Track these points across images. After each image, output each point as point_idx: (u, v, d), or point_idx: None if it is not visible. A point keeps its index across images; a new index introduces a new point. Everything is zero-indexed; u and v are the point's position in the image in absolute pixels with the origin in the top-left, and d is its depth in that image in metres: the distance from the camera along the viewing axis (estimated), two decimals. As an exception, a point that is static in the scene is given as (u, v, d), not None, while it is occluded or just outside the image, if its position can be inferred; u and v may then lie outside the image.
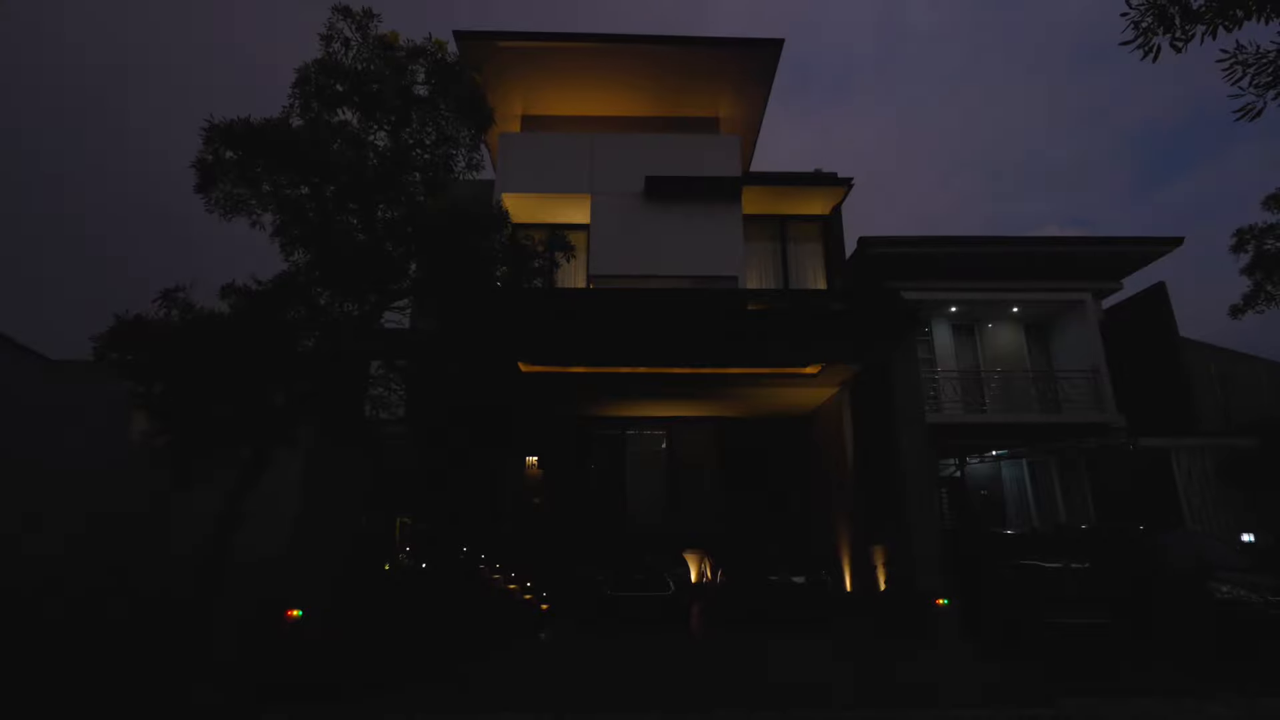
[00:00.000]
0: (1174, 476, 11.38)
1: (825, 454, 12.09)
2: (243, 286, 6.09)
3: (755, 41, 12.01)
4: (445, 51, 6.94)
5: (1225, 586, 7.36)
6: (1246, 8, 3.83)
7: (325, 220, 6.51)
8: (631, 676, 6.22)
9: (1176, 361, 12.71)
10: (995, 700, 5.59)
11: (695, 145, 12.41)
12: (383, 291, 6.75)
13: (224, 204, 6.57)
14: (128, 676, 5.95)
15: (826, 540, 11.78)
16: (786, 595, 8.67)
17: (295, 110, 6.80)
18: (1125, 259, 12.63)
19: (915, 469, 8.12)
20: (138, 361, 5.06)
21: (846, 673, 6.33)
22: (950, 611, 7.31)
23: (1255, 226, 9.37)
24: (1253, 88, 3.90)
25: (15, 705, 5.27)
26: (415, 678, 6.10)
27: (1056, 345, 13.19)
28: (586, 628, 8.56)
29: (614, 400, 12.04)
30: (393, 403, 7.44)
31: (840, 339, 8.66)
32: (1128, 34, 4.06)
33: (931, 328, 13.17)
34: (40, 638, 7.25)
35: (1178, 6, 3.97)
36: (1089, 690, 5.83)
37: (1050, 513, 12.46)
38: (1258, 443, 11.80)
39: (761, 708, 5.40)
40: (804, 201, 12.32)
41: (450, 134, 7.34)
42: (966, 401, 12.55)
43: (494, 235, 7.02)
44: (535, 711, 5.31)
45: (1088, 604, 7.56)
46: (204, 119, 6.10)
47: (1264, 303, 9.30)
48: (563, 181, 11.90)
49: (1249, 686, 5.92)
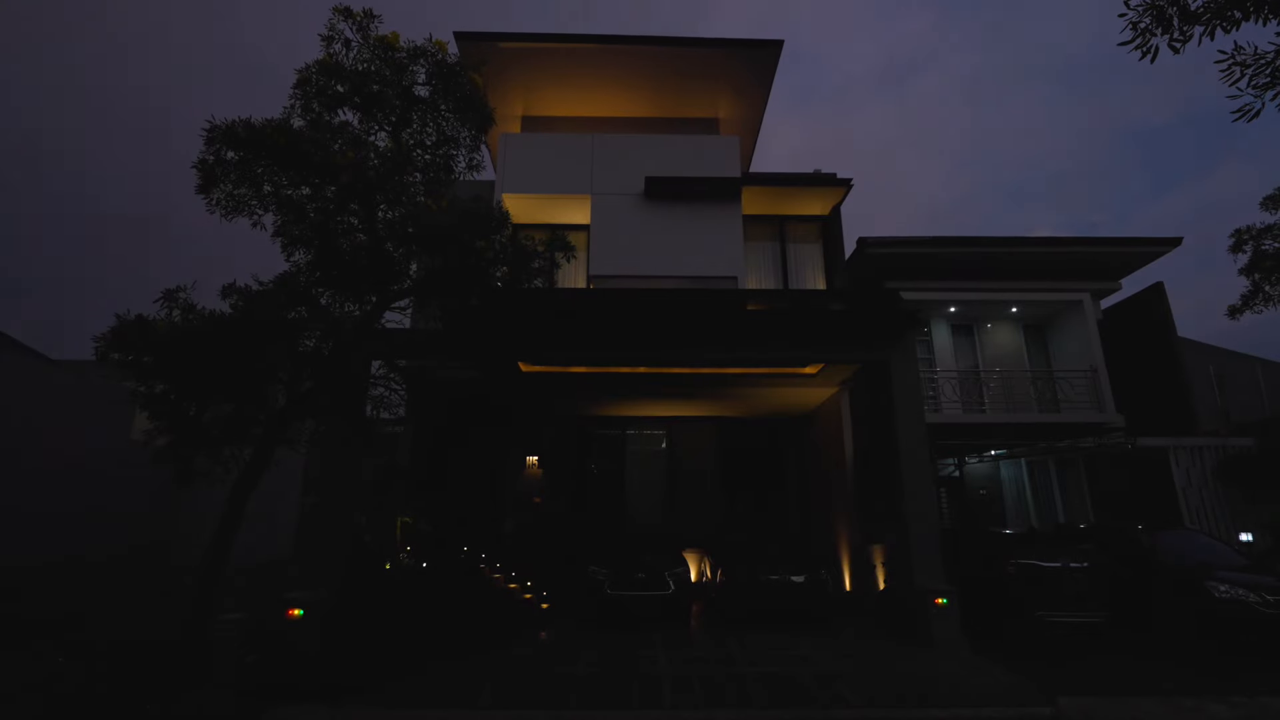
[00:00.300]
0: (1172, 476, 11.38)
1: (824, 454, 12.09)
2: (243, 287, 6.10)
3: (754, 43, 12.01)
4: (446, 52, 6.94)
5: (1224, 586, 7.35)
6: (1244, 9, 3.82)
7: (326, 220, 6.51)
8: (630, 673, 6.21)
9: (1175, 362, 12.70)
10: (994, 699, 5.58)
11: (695, 146, 12.41)
12: (383, 292, 6.75)
13: (225, 205, 6.57)
14: (130, 682, 5.95)
15: (826, 540, 11.78)
16: (786, 594, 8.67)
17: (296, 111, 6.81)
18: (1123, 259, 12.64)
19: (914, 468, 8.11)
20: (139, 361, 5.05)
21: (845, 671, 6.32)
22: (949, 610, 7.30)
23: (1253, 227, 9.38)
24: (1251, 88, 3.89)
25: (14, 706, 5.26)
26: (414, 676, 6.10)
27: (1055, 345, 13.19)
28: (587, 626, 8.56)
29: (614, 400, 12.04)
30: (393, 402, 7.44)
31: (839, 339, 8.66)
32: (1126, 34, 4.06)
33: (930, 328, 13.16)
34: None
35: (1176, 7, 3.96)
36: (1088, 689, 5.83)
37: (1049, 512, 12.46)
38: (1255, 443, 11.82)
39: (759, 706, 5.40)
40: (803, 202, 12.32)
41: (451, 134, 7.34)
42: (965, 401, 12.54)
43: (494, 236, 7.03)
44: (530, 709, 5.31)
45: (1086, 603, 7.56)
46: (205, 120, 6.10)
47: (1262, 303, 9.30)
48: (563, 182, 11.90)
49: (1248, 685, 5.92)
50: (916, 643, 7.49)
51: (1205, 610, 7.31)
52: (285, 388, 6.20)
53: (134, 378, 5.23)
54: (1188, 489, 11.35)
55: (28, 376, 12.84)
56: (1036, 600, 7.58)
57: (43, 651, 6.81)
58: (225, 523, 6.17)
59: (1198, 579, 7.57)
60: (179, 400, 5.47)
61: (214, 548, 6.10)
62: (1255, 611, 7.03)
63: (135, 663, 6.29)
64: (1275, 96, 3.92)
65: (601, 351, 8.48)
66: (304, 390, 6.36)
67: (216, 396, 5.58)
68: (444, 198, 6.65)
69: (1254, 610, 7.04)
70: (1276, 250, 9.08)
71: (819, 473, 12.41)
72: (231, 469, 5.94)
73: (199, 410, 5.61)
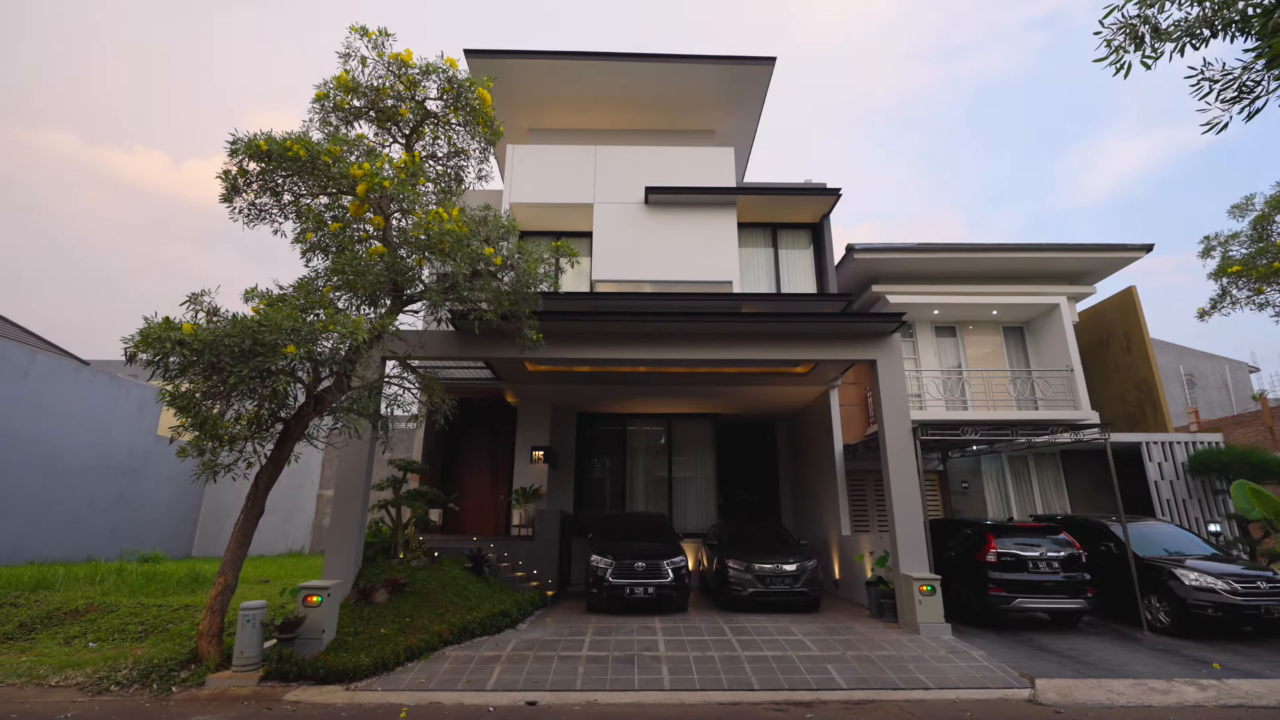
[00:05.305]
0: (1145, 470, 11.38)
1: (815, 448, 12.10)
2: (265, 291, 6.10)
3: (749, 59, 12.01)
4: (456, 69, 6.94)
5: (1193, 574, 7.37)
6: (1213, 27, 3.83)
7: (343, 228, 6.52)
8: (631, 658, 6.21)
9: (1147, 361, 12.71)
10: (976, 681, 5.59)
11: (693, 156, 12.42)
12: (398, 296, 6.76)
13: (248, 213, 6.59)
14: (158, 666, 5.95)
15: (817, 530, 11.79)
16: (779, 582, 8.68)
17: (315, 124, 6.83)
18: (1097, 264, 12.64)
19: (899, 463, 8.12)
20: (166, 361, 5.05)
21: (834, 655, 6.32)
22: (933, 597, 7.30)
23: (1220, 234, 9.38)
24: (1219, 103, 3.89)
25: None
26: (427, 659, 6.11)
27: (1034, 346, 13.20)
28: (589, 614, 8.56)
29: (616, 397, 12.05)
30: (407, 401, 7.45)
31: (828, 340, 8.67)
32: (1100, 51, 4.06)
33: (915, 329, 13.17)
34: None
35: (1148, 25, 3.97)
36: (1064, 673, 5.83)
37: (1028, 504, 12.45)
38: (1223, 437, 11.82)
39: (754, 688, 5.40)
40: (795, 210, 12.33)
41: (461, 147, 7.35)
42: (948, 399, 12.55)
43: (502, 243, 7.03)
44: (536, 691, 5.31)
45: (1063, 590, 7.57)
46: (228, 133, 6.11)
47: (1229, 305, 9.29)
48: (567, 191, 11.91)
49: (1217, 669, 5.92)
50: (902, 628, 7.50)
51: (1176, 597, 7.32)
52: (304, 387, 6.21)
53: (161, 377, 5.23)
54: (1160, 482, 11.35)
55: (64, 377, 12.85)
56: (1016, 587, 7.59)
57: (73, 636, 6.82)
58: (246, 513, 6.18)
59: (1169, 568, 7.59)
60: (203, 398, 5.47)
61: (236, 536, 6.11)
62: (1223, 598, 7.05)
63: (164, 647, 6.30)
64: (1242, 110, 3.92)
65: (603, 352, 8.48)
66: (322, 389, 6.37)
67: (239, 394, 5.59)
68: (455, 206, 6.65)
69: (1222, 597, 7.07)
70: (1242, 256, 9.08)
71: (810, 466, 12.42)
72: (253, 464, 5.95)
73: (223, 408, 5.62)
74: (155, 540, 14.50)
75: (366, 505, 7.81)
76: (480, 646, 6.64)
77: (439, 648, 6.47)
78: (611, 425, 13.30)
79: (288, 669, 5.56)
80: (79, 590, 8.51)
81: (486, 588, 8.22)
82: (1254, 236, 9.06)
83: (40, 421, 12.23)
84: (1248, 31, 3.76)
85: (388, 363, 8.10)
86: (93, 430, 13.45)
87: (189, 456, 5.44)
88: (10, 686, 5.45)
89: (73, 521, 12.75)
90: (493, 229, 6.91)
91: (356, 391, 6.48)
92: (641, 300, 10.55)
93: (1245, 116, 3.93)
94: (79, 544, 12.75)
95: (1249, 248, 9.09)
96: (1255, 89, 3.81)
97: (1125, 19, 3.99)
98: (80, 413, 13.17)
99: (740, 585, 8.73)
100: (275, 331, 5.13)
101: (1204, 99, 3.90)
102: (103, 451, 13.67)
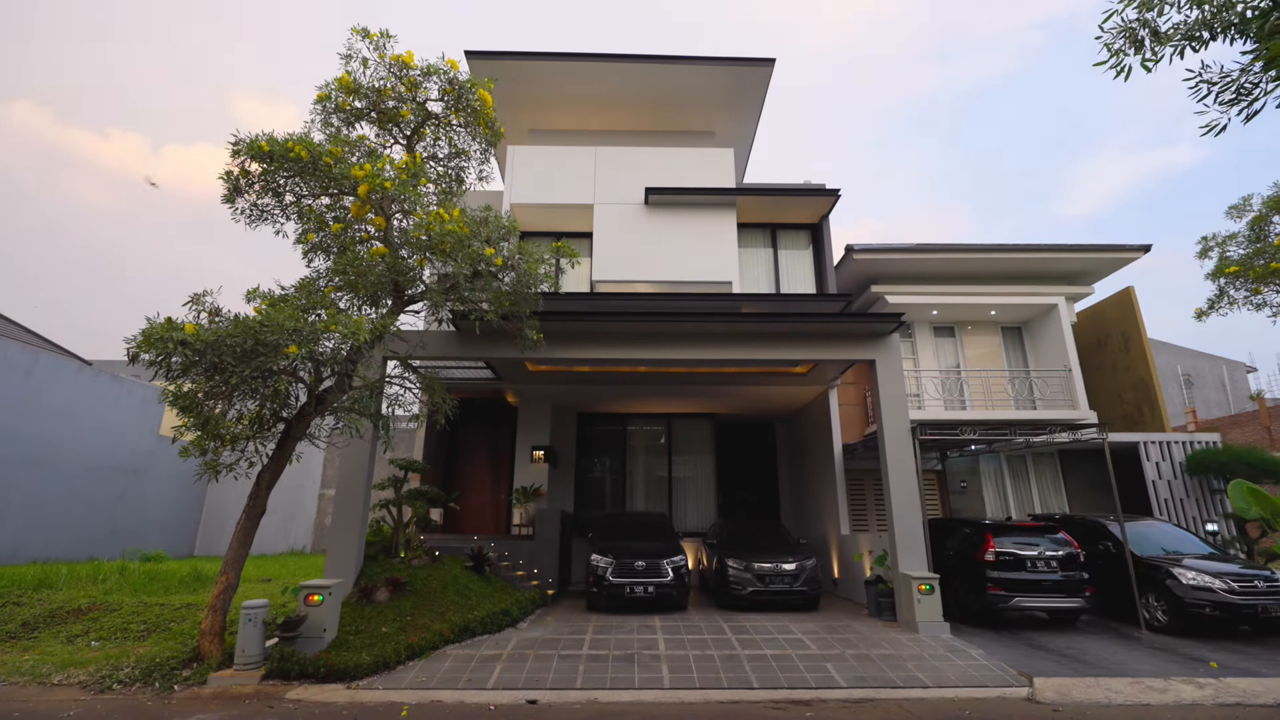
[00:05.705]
0: (1143, 470, 11.38)
1: (814, 448, 12.10)
2: (267, 291, 6.10)
3: (748, 60, 12.00)
4: (457, 70, 6.94)
5: (1191, 573, 7.37)
6: (1213, 30, 3.83)
7: (345, 229, 6.52)
8: (631, 657, 6.21)
9: (1145, 361, 12.71)
10: (974, 680, 5.59)
11: (692, 157, 12.40)
12: (399, 296, 6.76)
13: (250, 214, 6.58)
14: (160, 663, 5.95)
15: (816, 529, 11.80)
16: (778, 581, 8.68)
17: (316, 125, 6.82)
18: (1095, 264, 12.65)
19: (899, 462, 8.12)
20: (168, 362, 5.05)
21: (834, 654, 6.32)
22: (932, 596, 7.31)
23: (1218, 235, 9.37)
24: (1217, 105, 3.89)
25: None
26: (428, 658, 6.10)
27: (1032, 346, 13.20)
28: (589, 613, 8.56)
29: (616, 397, 12.04)
30: (408, 401, 7.44)
31: (827, 340, 8.67)
32: (1101, 55, 4.06)
33: (914, 329, 13.17)
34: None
35: (1148, 29, 3.97)
36: (1062, 671, 5.83)
37: (1026, 504, 12.45)
38: (1221, 437, 11.82)
39: (753, 687, 5.40)
40: (794, 211, 12.32)
41: (462, 148, 7.35)
42: (947, 399, 12.55)
43: (503, 244, 7.03)
44: (536, 690, 5.31)
45: (1062, 588, 7.57)
46: (230, 134, 6.11)
47: (1226, 305, 9.28)
48: (568, 192, 11.89)
49: (1214, 667, 5.93)
50: (901, 627, 7.51)
51: (1174, 596, 7.32)
52: (306, 387, 6.21)
53: (164, 377, 5.23)
54: (1158, 482, 11.35)
55: (67, 377, 12.84)
56: (1014, 586, 7.60)
57: (75, 635, 6.82)
58: (248, 513, 6.18)
59: (1167, 567, 7.59)
60: (206, 398, 5.47)
61: (238, 536, 6.11)
62: (1221, 597, 7.06)
63: (166, 645, 6.30)
64: (1240, 112, 3.92)
65: (604, 352, 8.48)
66: (323, 389, 6.37)
67: (241, 394, 5.59)
68: (455, 207, 6.65)
69: (1219, 596, 7.07)
70: (1239, 256, 9.07)
71: (809, 466, 12.42)
72: (255, 463, 5.95)
73: (225, 408, 5.62)
74: (157, 539, 14.50)
75: (368, 504, 7.81)
76: (481, 645, 6.63)
77: (440, 646, 6.47)
78: (611, 425, 13.30)
79: (289, 667, 5.56)
80: (81, 589, 8.50)
81: (487, 587, 8.22)
82: (1251, 237, 9.06)
83: (43, 421, 12.22)
84: (1246, 34, 3.76)
85: (389, 363, 8.10)
86: (95, 430, 13.44)
87: (191, 456, 5.44)
88: (13, 685, 5.45)
89: (75, 521, 12.74)
90: (493, 230, 6.91)
91: (358, 391, 6.47)
92: (641, 300, 10.55)
93: (1244, 118, 3.93)
94: (81, 543, 12.74)
95: (1246, 248, 9.09)
96: (1253, 91, 3.81)
97: (1125, 23, 3.99)
98: (83, 413, 13.16)
99: (740, 584, 8.73)
100: (277, 332, 5.13)
101: (1202, 101, 3.90)
102: (105, 451, 13.66)
